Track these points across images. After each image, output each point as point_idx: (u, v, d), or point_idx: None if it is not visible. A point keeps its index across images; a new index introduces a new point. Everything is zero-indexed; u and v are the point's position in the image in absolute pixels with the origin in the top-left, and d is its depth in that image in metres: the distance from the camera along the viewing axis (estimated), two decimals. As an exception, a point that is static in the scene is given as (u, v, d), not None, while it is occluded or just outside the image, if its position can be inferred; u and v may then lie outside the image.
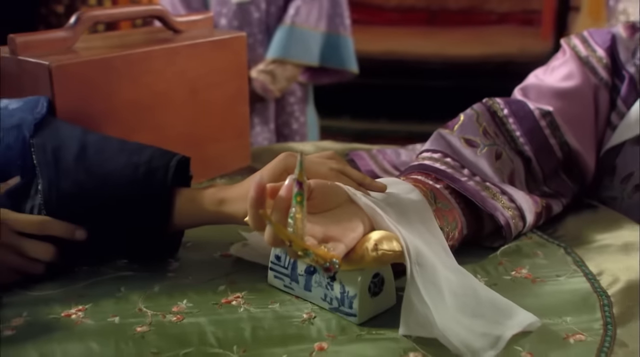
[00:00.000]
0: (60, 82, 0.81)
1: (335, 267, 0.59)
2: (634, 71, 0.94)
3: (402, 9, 5.08)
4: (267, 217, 0.58)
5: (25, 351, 0.59)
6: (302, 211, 0.58)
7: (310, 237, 0.61)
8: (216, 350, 0.60)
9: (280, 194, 0.61)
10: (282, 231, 0.57)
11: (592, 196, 0.96)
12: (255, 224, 0.62)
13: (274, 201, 0.61)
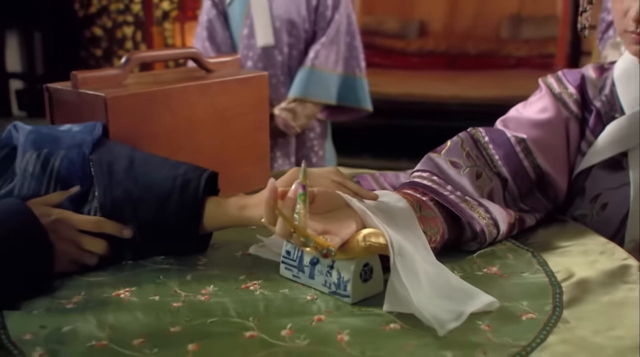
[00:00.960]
0: (113, 111, 0.98)
1: (331, 254, 0.74)
2: (600, 106, 1.09)
3: (423, 53, 5.29)
4: (279, 211, 0.73)
5: (84, 318, 0.75)
6: (305, 207, 0.74)
7: (313, 230, 0.76)
8: (236, 320, 0.75)
9: (288, 195, 0.77)
10: (290, 222, 0.73)
11: (565, 213, 1.10)
12: (269, 219, 0.78)
13: (283, 200, 0.77)
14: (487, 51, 5.13)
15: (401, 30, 5.38)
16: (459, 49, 5.20)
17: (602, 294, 0.81)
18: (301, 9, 2.14)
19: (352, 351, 0.69)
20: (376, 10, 5.41)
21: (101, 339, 0.71)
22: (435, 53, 5.23)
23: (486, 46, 5.18)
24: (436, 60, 5.15)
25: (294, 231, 0.74)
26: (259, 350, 0.69)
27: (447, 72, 5.01)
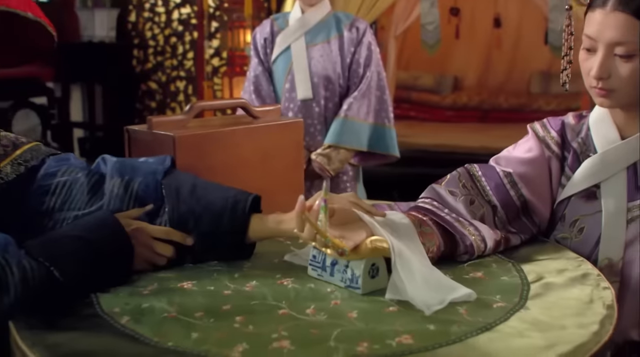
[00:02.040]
0: (180, 147, 1.25)
1: (345, 253, 0.98)
2: (577, 146, 1.32)
3: (456, 107, 5.55)
4: (307, 218, 0.98)
5: (158, 299, 1.00)
6: (326, 216, 0.98)
7: (331, 234, 1.00)
8: (272, 302, 0.98)
9: (313, 207, 1.01)
10: (314, 226, 0.97)
11: (549, 236, 1.31)
12: (299, 226, 1.02)
13: (310, 211, 1.01)
14: (517, 105, 5.36)
15: (436, 85, 5.66)
16: (491, 103, 5.45)
17: (560, 292, 1.02)
18: (336, 66, 2.41)
19: (358, 323, 0.91)
20: (412, 66, 5.72)
21: (171, 312, 0.95)
22: (468, 107, 5.48)
23: (517, 100, 5.42)
24: (469, 113, 5.40)
25: (317, 234, 0.97)
26: (289, 321, 0.92)
27: (479, 124, 5.24)
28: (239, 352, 0.83)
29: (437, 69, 5.66)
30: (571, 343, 0.86)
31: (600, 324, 0.92)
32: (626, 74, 1.18)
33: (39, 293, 0.95)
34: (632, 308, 1.27)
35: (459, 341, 0.87)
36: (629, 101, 1.23)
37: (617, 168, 1.28)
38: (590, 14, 1.22)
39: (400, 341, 0.86)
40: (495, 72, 5.74)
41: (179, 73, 4.81)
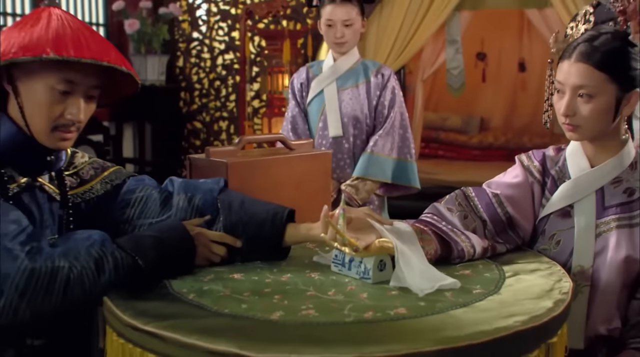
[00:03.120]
0: (231, 172, 1.57)
1: (358, 249, 1.28)
2: (555, 173, 1.60)
3: (483, 146, 5.81)
4: (330, 222, 1.28)
5: (215, 283, 1.30)
6: (344, 221, 1.28)
7: (348, 236, 1.30)
8: (302, 287, 1.28)
9: (335, 215, 1.31)
10: (335, 228, 1.27)
11: (532, 247, 1.59)
12: (324, 228, 1.32)
13: (332, 218, 1.32)
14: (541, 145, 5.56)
15: (463, 126, 5.95)
16: (515, 143, 5.69)
17: (528, 283, 1.30)
18: (364, 108, 2.72)
19: (367, 301, 1.21)
20: (441, 108, 6.03)
21: (226, 292, 1.26)
22: (494, 146, 5.74)
23: (541, 140, 5.66)
24: (495, 152, 5.65)
25: (337, 234, 1.27)
26: (314, 299, 1.22)
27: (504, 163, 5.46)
28: (277, 316, 1.13)
29: (465, 111, 5.94)
30: (527, 314, 1.14)
31: (554, 303, 1.20)
32: (587, 112, 1.47)
33: (126, 275, 1.27)
34: (600, 307, 1.53)
35: (441, 312, 1.15)
36: (593, 135, 1.52)
37: (588, 191, 1.56)
38: (560, 64, 1.51)
39: (397, 311, 1.15)
40: (520, 114, 6.01)
41: (222, 114, 5.17)
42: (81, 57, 1.30)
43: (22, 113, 1.35)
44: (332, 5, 2.63)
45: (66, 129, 1.37)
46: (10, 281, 1.19)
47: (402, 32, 4.41)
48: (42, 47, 1.28)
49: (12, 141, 1.37)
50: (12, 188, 1.36)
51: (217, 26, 5.08)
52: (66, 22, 1.36)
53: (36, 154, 1.39)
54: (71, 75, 1.33)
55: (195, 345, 1.05)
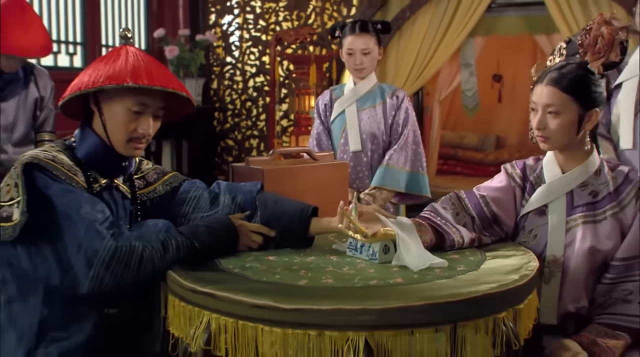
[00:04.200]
0: (267, 177, 1.93)
1: (367, 235, 1.63)
2: (533, 179, 1.93)
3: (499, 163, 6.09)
4: (345, 214, 1.63)
5: (254, 262, 1.65)
6: (356, 213, 1.64)
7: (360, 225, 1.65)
8: (323, 265, 1.63)
9: (349, 208, 1.66)
10: (350, 219, 1.62)
11: (514, 240, 1.92)
12: (340, 219, 1.67)
13: (347, 211, 1.67)
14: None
15: (480, 144, 6.26)
16: (530, 159, 5.97)
17: (503, 262, 1.63)
18: (381, 126, 3.07)
19: (373, 274, 1.55)
20: (458, 127, 6.35)
21: (262, 267, 1.61)
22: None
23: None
24: (510, 169, 5.94)
25: (351, 224, 1.62)
26: (332, 273, 1.56)
27: (519, 179, 5.77)
28: (303, 283, 1.48)
29: (482, 129, 6.26)
30: (496, 283, 1.47)
31: (520, 277, 1.53)
32: (555, 126, 1.80)
33: (186, 255, 1.63)
34: (570, 289, 1.85)
35: (429, 281, 1.49)
36: (561, 145, 1.85)
37: (559, 193, 1.89)
38: (535, 87, 1.85)
39: (395, 280, 1.50)
40: (535, 132, 6.29)
41: (252, 132, 5.54)
42: (152, 85, 1.67)
43: (104, 128, 1.73)
44: (352, 36, 2.99)
45: (138, 141, 1.75)
46: (99, 256, 1.55)
47: (420, 57, 4.76)
48: (123, 77, 1.66)
49: (96, 150, 1.74)
50: (96, 187, 1.74)
51: (248, 51, 5.46)
52: (139, 57, 1.74)
53: (114, 161, 1.77)
54: (144, 99, 1.70)
55: (242, 301, 1.40)
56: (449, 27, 4.70)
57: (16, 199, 1.61)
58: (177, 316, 1.58)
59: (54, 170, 1.63)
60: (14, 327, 1.67)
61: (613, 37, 1.78)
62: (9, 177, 1.66)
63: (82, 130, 1.78)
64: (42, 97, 2.92)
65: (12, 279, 1.67)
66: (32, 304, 1.67)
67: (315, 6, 5.14)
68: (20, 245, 1.64)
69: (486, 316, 1.43)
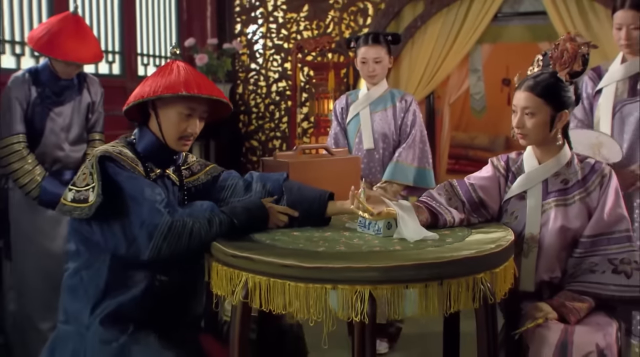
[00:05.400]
0: (291, 168, 2.31)
1: (374, 214, 2.01)
2: (515, 170, 2.29)
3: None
4: (356, 197, 2.01)
5: (282, 236, 2.03)
6: (364, 196, 2.02)
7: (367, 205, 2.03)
8: (337, 238, 2.01)
9: (358, 192, 2.05)
10: (359, 200, 2.00)
11: (499, 221, 2.28)
12: (352, 201, 2.05)
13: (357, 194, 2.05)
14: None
15: (490, 144, 6.60)
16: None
17: (485, 236, 2.00)
18: (391, 126, 3.44)
19: (378, 243, 1.93)
20: (469, 129, 6.69)
21: (288, 240, 1.99)
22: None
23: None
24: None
25: (360, 204, 2.01)
26: (346, 243, 1.94)
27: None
28: (321, 249, 1.86)
29: (492, 131, 6.59)
30: (475, 250, 1.84)
31: (496, 246, 1.90)
32: (531, 125, 2.17)
33: (227, 230, 2.02)
34: (544, 262, 2.21)
35: (421, 249, 1.87)
36: (537, 141, 2.21)
37: (536, 181, 2.25)
38: (515, 93, 2.22)
39: (394, 248, 1.88)
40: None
41: (275, 134, 5.91)
42: (201, 93, 2.06)
43: (160, 128, 2.12)
44: (365, 46, 3.37)
45: (187, 139, 2.14)
46: (158, 229, 1.94)
47: (431, 63, 5.11)
48: (178, 87, 2.04)
49: (152, 146, 2.13)
50: (152, 175, 2.13)
51: (272, 59, 5.82)
52: (188, 70, 2.12)
53: (167, 154, 2.16)
54: (193, 105, 2.09)
55: (273, 262, 1.78)
56: (457, 36, 5.04)
57: (91, 185, 1.99)
58: (220, 278, 1.96)
59: (121, 161, 2.02)
60: (84, 287, 2.05)
61: (576, 51, 2.15)
62: (84, 167, 2.04)
63: (141, 130, 2.16)
64: (94, 102, 3.32)
65: (85, 250, 2.06)
66: (101, 270, 2.05)
67: (333, 16, 5.52)
68: (94, 222, 2.02)
69: (467, 276, 1.80)
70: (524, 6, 4.97)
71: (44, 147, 3.15)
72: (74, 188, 2.03)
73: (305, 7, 5.61)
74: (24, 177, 3.06)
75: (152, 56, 5.46)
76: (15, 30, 4.12)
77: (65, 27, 3.07)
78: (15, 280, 3.25)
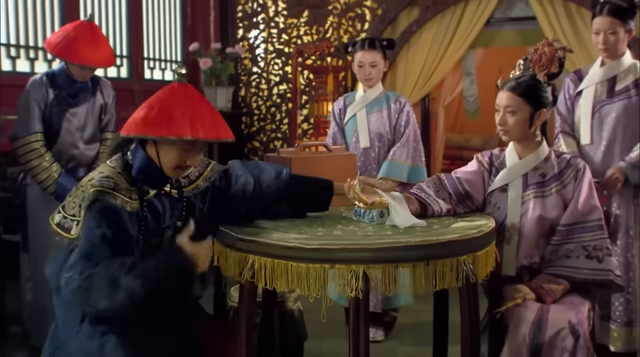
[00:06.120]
0: (293, 163, 2.51)
1: (367, 203, 2.22)
2: (498, 164, 2.51)
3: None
4: (352, 188, 2.22)
5: (284, 223, 2.25)
6: (359, 186, 2.23)
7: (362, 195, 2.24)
8: (335, 224, 2.22)
9: (354, 182, 2.26)
10: (354, 190, 2.21)
11: (483, 211, 2.49)
12: (348, 190, 2.26)
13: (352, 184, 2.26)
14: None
15: (483, 144, 6.80)
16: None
17: (469, 223, 2.21)
18: (386, 127, 3.64)
19: (371, 229, 2.14)
20: (464, 130, 6.89)
21: (291, 227, 2.20)
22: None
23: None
24: (511, 168, 6.48)
25: (355, 194, 2.22)
26: (342, 229, 2.15)
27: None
28: (320, 233, 2.07)
29: (485, 132, 6.79)
30: (459, 234, 2.05)
31: (478, 231, 2.11)
32: (512, 122, 2.38)
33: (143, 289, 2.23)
34: (524, 248, 2.41)
35: (410, 233, 2.08)
36: (518, 138, 2.42)
37: (517, 175, 2.46)
38: (498, 93, 2.43)
39: (386, 233, 2.09)
40: (535, 135, 6.83)
41: (276, 135, 6.10)
42: (206, 137, 2.00)
43: (158, 158, 2.05)
44: (362, 51, 3.58)
45: (184, 169, 2.11)
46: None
47: (426, 66, 5.32)
48: (184, 130, 1.94)
49: (147, 169, 2.06)
50: (147, 197, 2.07)
51: (273, 62, 6.02)
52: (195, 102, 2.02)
53: (162, 178, 2.11)
54: (197, 144, 2.04)
55: (277, 244, 1.99)
56: (451, 40, 5.24)
57: (77, 218, 2.01)
58: (229, 262, 2.17)
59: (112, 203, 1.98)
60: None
61: (553, 54, 2.37)
62: (75, 196, 2.04)
63: (136, 151, 2.09)
64: (107, 104, 3.53)
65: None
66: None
67: (332, 22, 5.73)
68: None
69: (451, 257, 2.01)
70: (515, 12, 5.19)
71: (60, 145, 3.36)
72: (63, 212, 2.08)
73: (305, 13, 5.82)
74: (41, 173, 3.27)
75: (158, 60, 5.67)
76: (29, 36, 4.34)
77: (81, 33, 3.28)
78: (32, 272, 3.45)
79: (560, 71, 2.40)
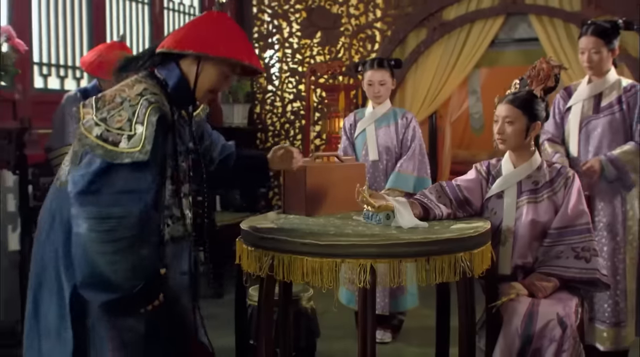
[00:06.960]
0: (308, 172, 2.76)
1: (375, 207, 2.46)
2: (495, 173, 2.75)
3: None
4: (361, 193, 2.47)
5: (296, 221, 2.49)
6: (368, 192, 2.47)
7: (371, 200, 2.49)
8: (345, 226, 2.46)
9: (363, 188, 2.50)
10: (364, 196, 2.46)
11: (481, 216, 2.72)
12: (357, 196, 2.51)
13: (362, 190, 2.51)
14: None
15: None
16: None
17: (467, 225, 2.45)
18: (393, 141, 3.89)
19: (378, 230, 2.38)
20: (471, 146, 7.13)
21: (306, 226, 2.44)
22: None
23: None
24: (516, 183, 6.71)
25: (365, 199, 2.46)
26: (353, 230, 2.39)
27: (524, 192, 6.52)
28: (332, 233, 2.32)
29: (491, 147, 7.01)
30: (458, 233, 2.29)
31: (474, 231, 2.34)
32: (510, 132, 2.62)
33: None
34: (519, 249, 2.65)
35: (412, 233, 2.31)
36: (514, 147, 2.66)
37: (512, 183, 2.70)
38: (497, 106, 2.68)
39: (391, 232, 2.33)
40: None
41: (290, 150, 6.36)
42: (258, 66, 2.05)
43: (195, 80, 1.98)
44: (371, 70, 3.84)
45: (215, 94, 2.11)
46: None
47: (433, 85, 5.58)
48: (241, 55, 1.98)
49: (180, 87, 2.01)
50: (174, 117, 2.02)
51: (287, 81, 6.27)
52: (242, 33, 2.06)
53: (190, 100, 2.08)
54: (237, 69, 2.08)
55: (294, 241, 2.23)
56: (457, 60, 5.50)
57: (127, 132, 1.84)
58: (250, 259, 2.41)
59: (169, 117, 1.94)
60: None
61: (550, 70, 2.62)
62: (121, 109, 1.87)
63: (169, 68, 2.00)
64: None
65: None
66: None
67: (344, 42, 6.00)
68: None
69: (449, 254, 2.24)
70: (518, 33, 5.45)
71: (92, 157, 3.62)
72: (104, 125, 1.87)
73: (318, 34, 6.10)
74: (74, 182, 3.53)
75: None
76: (60, 55, 4.64)
77: (113, 52, 3.57)
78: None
79: (556, 86, 2.65)
